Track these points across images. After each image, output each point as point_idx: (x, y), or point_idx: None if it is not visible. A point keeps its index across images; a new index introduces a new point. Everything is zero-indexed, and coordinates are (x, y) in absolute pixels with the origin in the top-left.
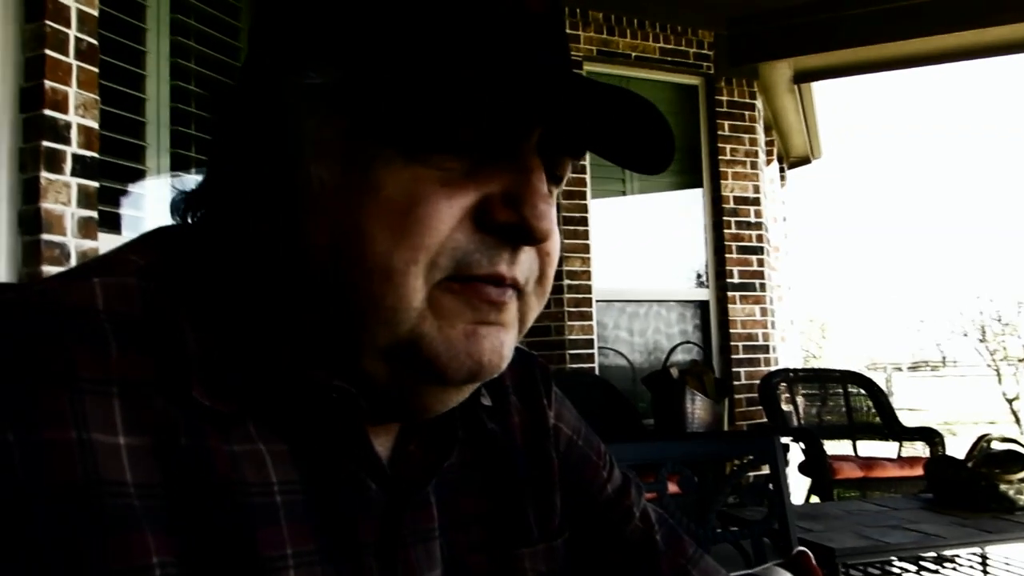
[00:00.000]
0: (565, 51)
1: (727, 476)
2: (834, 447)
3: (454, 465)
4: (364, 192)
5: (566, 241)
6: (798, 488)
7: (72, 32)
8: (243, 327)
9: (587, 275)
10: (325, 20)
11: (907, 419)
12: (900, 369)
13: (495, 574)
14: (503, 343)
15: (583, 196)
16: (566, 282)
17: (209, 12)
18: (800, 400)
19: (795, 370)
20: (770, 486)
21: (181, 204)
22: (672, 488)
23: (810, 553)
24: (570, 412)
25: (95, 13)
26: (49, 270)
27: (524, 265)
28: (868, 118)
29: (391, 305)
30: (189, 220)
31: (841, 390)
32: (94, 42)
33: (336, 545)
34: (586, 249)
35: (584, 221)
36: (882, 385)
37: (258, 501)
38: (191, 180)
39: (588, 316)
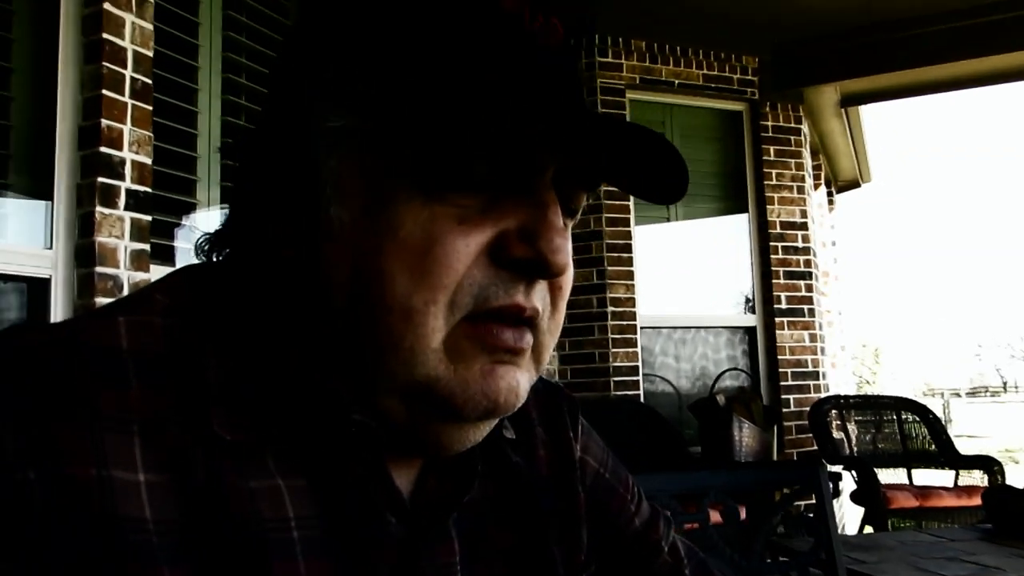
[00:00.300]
0: (578, 87)
1: (772, 506)
2: (889, 476)
3: (478, 499)
4: (383, 232)
5: (611, 268)
6: (852, 518)
7: (128, 72)
8: (266, 362)
9: (631, 302)
10: (346, 65)
11: (966, 446)
12: (958, 395)
13: None
14: (519, 382)
15: (627, 223)
16: (610, 309)
17: (259, 50)
18: (852, 428)
19: (846, 397)
20: (813, 515)
21: (205, 244)
22: (716, 518)
23: None
24: (597, 444)
25: (150, 54)
26: (102, 301)
27: (539, 297)
28: (920, 140)
29: (410, 346)
30: (214, 259)
31: (895, 417)
32: (148, 81)
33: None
34: (630, 276)
35: (628, 248)
36: (939, 411)
37: (274, 536)
38: (215, 221)
39: (633, 343)
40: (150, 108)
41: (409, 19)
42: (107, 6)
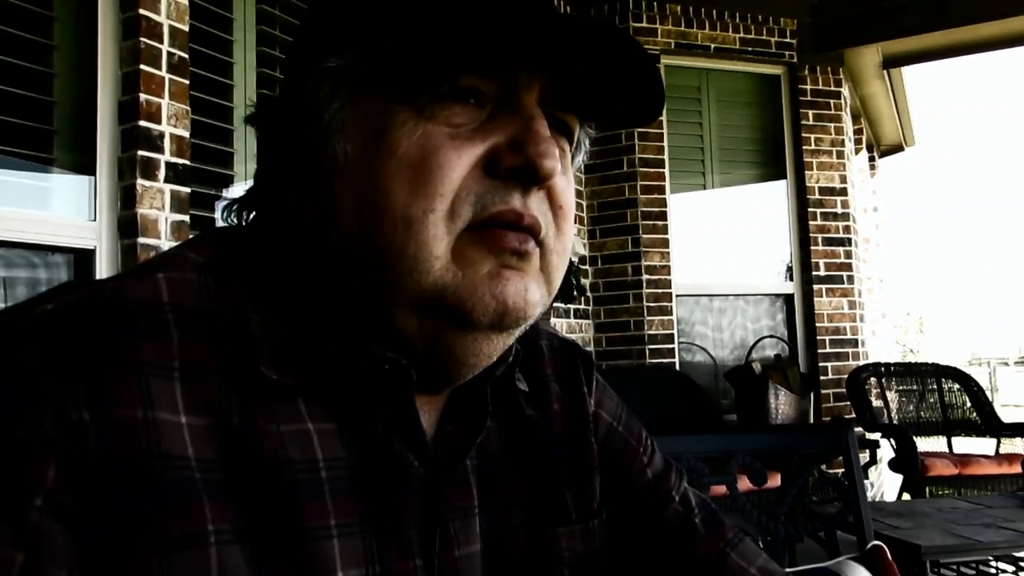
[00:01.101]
0: (551, 5)
1: (798, 470)
2: (930, 444)
3: (496, 449)
4: (383, 155)
5: (645, 236)
6: (890, 486)
7: (165, 47)
8: (296, 309)
9: (667, 270)
10: (338, 12)
11: (1012, 415)
12: (1006, 363)
13: (533, 553)
14: (527, 288)
15: (662, 191)
16: (645, 277)
17: (292, 23)
18: (893, 396)
19: (886, 364)
20: (844, 480)
21: (231, 208)
22: (745, 484)
23: (885, 547)
24: (611, 399)
25: (186, 28)
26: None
27: (537, 207)
28: (965, 101)
29: (413, 253)
30: (242, 222)
31: (935, 385)
32: (185, 56)
33: (379, 517)
34: (665, 244)
35: (663, 216)
36: (986, 380)
37: (303, 477)
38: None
39: (668, 311)
40: (187, 82)
41: None
42: None
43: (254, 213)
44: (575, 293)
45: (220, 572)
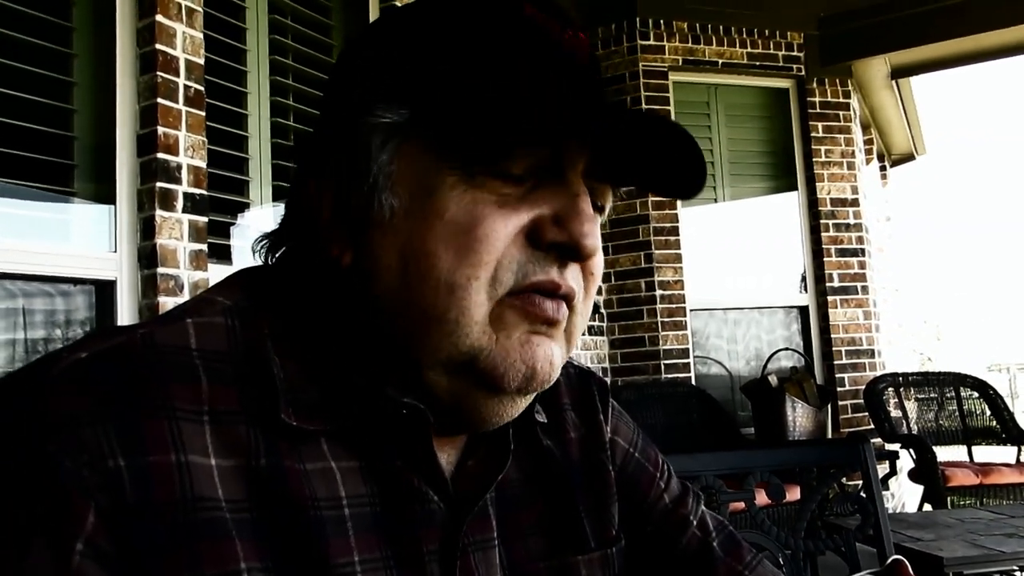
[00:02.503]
0: (603, 90)
1: (817, 484)
2: (950, 454)
3: (514, 480)
4: (430, 216)
5: (658, 251)
6: (911, 497)
7: (181, 80)
8: (322, 354)
9: (680, 284)
10: (394, 65)
11: None
12: None
13: None
14: (553, 353)
15: (674, 206)
16: (659, 292)
17: (304, 52)
18: (911, 405)
19: (903, 374)
20: (862, 493)
21: (261, 244)
22: (763, 499)
23: (906, 561)
24: (627, 426)
25: (201, 62)
26: (165, 300)
27: (572, 277)
28: (977, 109)
29: (454, 318)
30: (270, 259)
31: (954, 393)
32: (200, 88)
33: (401, 553)
34: (678, 259)
35: (675, 231)
36: (1006, 387)
37: (328, 514)
38: (267, 218)
39: (682, 325)
40: (203, 114)
41: (455, 27)
42: (159, 18)
43: (284, 249)
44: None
45: None
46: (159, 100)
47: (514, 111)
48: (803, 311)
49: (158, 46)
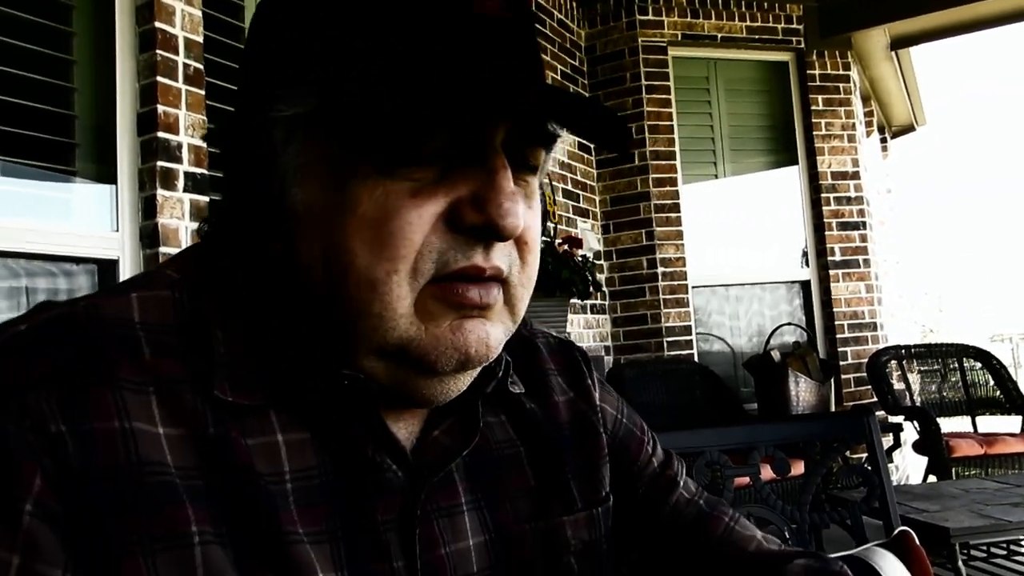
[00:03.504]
0: (521, 55)
1: (821, 457)
2: (956, 425)
3: (501, 443)
4: (343, 210)
5: (659, 229)
6: (916, 469)
7: (180, 59)
8: (262, 331)
9: (681, 261)
10: (294, 55)
11: None
12: None
13: (539, 543)
14: (488, 334)
15: (674, 183)
16: (660, 270)
17: None
18: (914, 378)
19: (906, 347)
20: (867, 465)
21: (203, 228)
22: (768, 473)
23: (912, 532)
24: (611, 394)
25: (200, 40)
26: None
27: (501, 255)
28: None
29: (378, 312)
30: (213, 241)
31: (957, 365)
32: (200, 66)
33: (352, 524)
34: (679, 236)
35: (676, 208)
36: (1009, 357)
37: (272, 488)
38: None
39: (684, 303)
40: (203, 92)
41: (351, 6)
42: None
43: (228, 232)
44: (591, 289)
45: (205, 571)
46: (159, 79)
47: (414, 94)
48: (805, 286)
49: (157, 24)
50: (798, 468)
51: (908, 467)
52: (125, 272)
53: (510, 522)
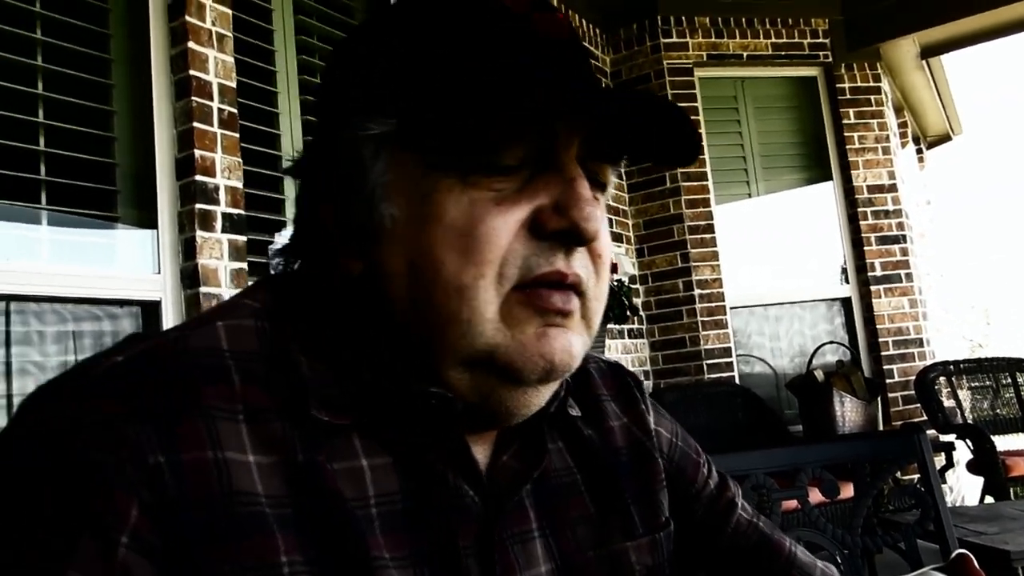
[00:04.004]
0: (588, 69)
1: (871, 479)
2: (1009, 442)
3: (559, 471)
4: (430, 222)
5: (694, 250)
6: (971, 490)
7: (215, 104)
8: (346, 353)
9: (718, 283)
10: (381, 77)
11: None
12: None
13: (604, 569)
14: (571, 343)
15: (707, 203)
16: (697, 292)
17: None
18: (965, 394)
19: (955, 362)
20: (920, 486)
21: (278, 257)
22: (817, 496)
23: (971, 556)
24: (665, 417)
25: (233, 85)
26: None
27: (580, 263)
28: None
29: (467, 318)
30: (289, 267)
31: (1010, 379)
32: (234, 110)
33: (436, 548)
34: (715, 256)
35: (710, 228)
36: None
37: (359, 513)
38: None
39: (723, 324)
40: (237, 135)
41: (433, 29)
42: (191, 44)
43: (300, 261)
44: (628, 313)
45: None
46: (195, 124)
47: (492, 105)
48: (846, 303)
49: (191, 72)
50: (847, 491)
51: (963, 488)
52: (168, 313)
53: (573, 550)
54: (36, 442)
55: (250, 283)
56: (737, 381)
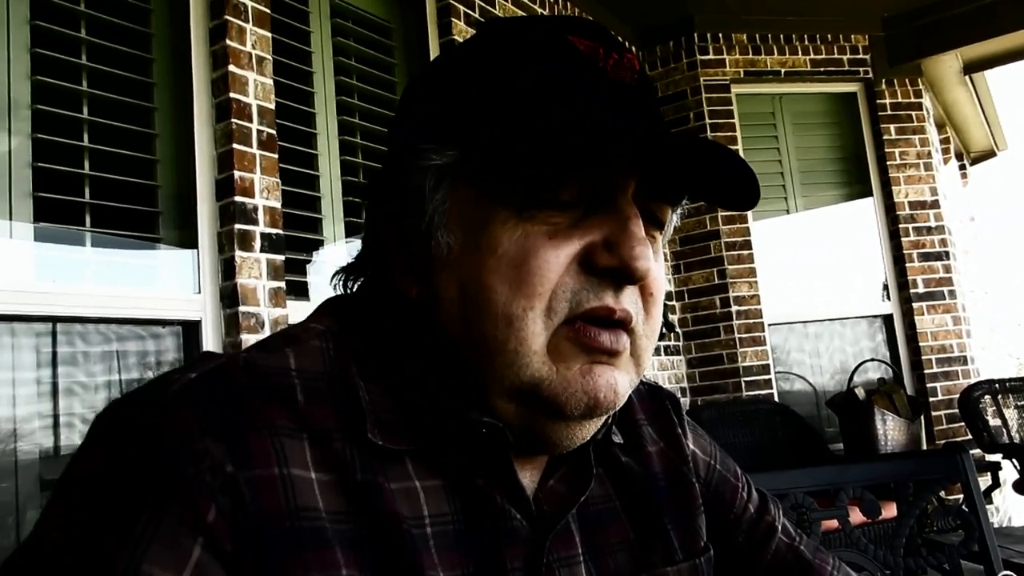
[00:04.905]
0: (649, 113)
1: (914, 499)
2: None
3: (597, 498)
4: (484, 251)
5: (731, 267)
6: (1018, 511)
7: (254, 126)
8: (401, 378)
9: (756, 299)
10: (441, 108)
11: None
12: None
13: None
14: (617, 380)
15: (745, 219)
16: (734, 308)
17: (369, 91)
18: (1011, 412)
19: (1000, 380)
20: (964, 506)
21: (338, 277)
22: (858, 516)
23: None
24: (703, 438)
25: (272, 107)
26: (247, 338)
27: (630, 301)
28: None
29: (514, 348)
30: (349, 289)
31: None
32: (273, 132)
33: (486, 570)
34: (752, 273)
35: (748, 245)
36: None
37: (414, 532)
38: (340, 255)
39: (761, 341)
40: (276, 156)
41: (498, 67)
42: (232, 68)
43: (362, 281)
44: (664, 330)
45: None
46: (235, 146)
47: (554, 146)
48: (887, 320)
49: (232, 95)
50: (889, 511)
51: (1010, 510)
52: (207, 332)
53: (615, 575)
54: (120, 446)
55: (289, 303)
56: (776, 399)
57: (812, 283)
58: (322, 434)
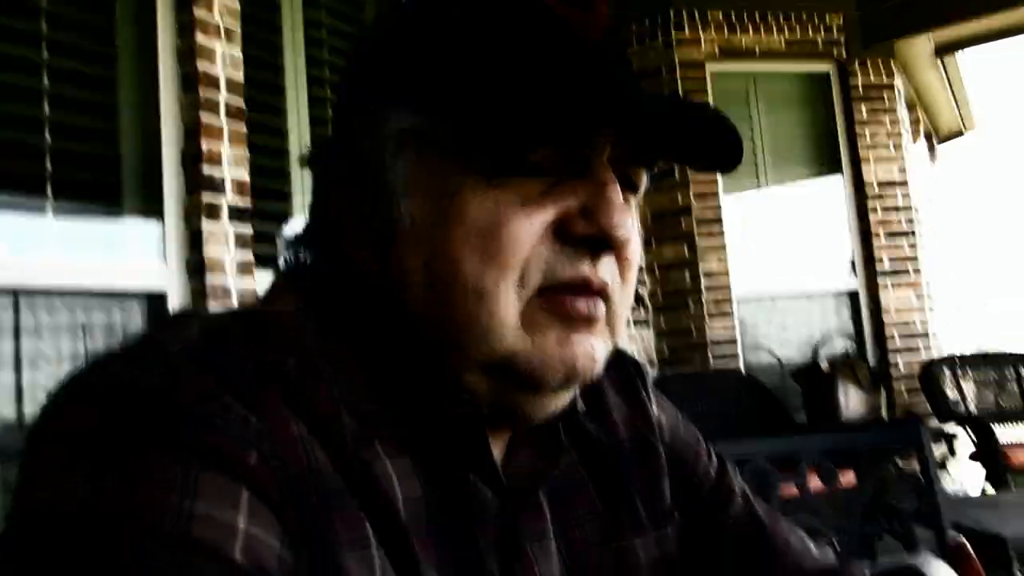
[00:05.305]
0: (620, 71)
1: (870, 467)
2: (1013, 434)
3: (564, 468)
4: (452, 220)
5: (701, 241)
6: (974, 481)
7: (222, 97)
8: (367, 358)
9: (725, 274)
10: (409, 72)
11: None
12: None
13: (612, 565)
14: (594, 347)
15: (715, 195)
16: (704, 282)
17: (341, 65)
18: (970, 387)
19: (960, 356)
20: (920, 475)
21: (290, 246)
22: (816, 483)
23: (966, 541)
24: (666, 404)
25: (241, 78)
26: (214, 308)
27: (606, 269)
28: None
29: (485, 323)
30: (301, 261)
31: (1015, 374)
32: (241, 104)
33: (458, 550)
34: (722, 248)
35: (718, 219)
36: None
37: (395, 511)
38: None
39: (729, 315)
40: (244, 128)
41: (464, 25)
42: (199, 38)
43: (314, 254)
44: (634, 304)
45: (382, 572)
46: (202, 116)
47: (526, 109)
48: (853, 296)
49: (199, 65)
50: (848, 478)
51: (966, 479)
52: (174, 303)
53: (582, 546)
54: (126, 402)
55: (258, 273)
56: (743, 372)
57: (781, 259)
58: (318, 405)
